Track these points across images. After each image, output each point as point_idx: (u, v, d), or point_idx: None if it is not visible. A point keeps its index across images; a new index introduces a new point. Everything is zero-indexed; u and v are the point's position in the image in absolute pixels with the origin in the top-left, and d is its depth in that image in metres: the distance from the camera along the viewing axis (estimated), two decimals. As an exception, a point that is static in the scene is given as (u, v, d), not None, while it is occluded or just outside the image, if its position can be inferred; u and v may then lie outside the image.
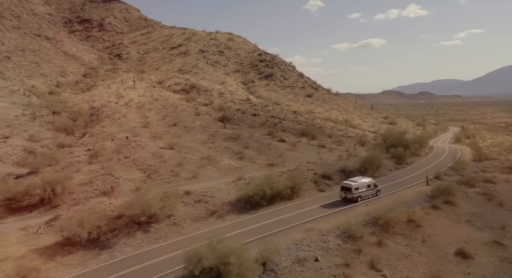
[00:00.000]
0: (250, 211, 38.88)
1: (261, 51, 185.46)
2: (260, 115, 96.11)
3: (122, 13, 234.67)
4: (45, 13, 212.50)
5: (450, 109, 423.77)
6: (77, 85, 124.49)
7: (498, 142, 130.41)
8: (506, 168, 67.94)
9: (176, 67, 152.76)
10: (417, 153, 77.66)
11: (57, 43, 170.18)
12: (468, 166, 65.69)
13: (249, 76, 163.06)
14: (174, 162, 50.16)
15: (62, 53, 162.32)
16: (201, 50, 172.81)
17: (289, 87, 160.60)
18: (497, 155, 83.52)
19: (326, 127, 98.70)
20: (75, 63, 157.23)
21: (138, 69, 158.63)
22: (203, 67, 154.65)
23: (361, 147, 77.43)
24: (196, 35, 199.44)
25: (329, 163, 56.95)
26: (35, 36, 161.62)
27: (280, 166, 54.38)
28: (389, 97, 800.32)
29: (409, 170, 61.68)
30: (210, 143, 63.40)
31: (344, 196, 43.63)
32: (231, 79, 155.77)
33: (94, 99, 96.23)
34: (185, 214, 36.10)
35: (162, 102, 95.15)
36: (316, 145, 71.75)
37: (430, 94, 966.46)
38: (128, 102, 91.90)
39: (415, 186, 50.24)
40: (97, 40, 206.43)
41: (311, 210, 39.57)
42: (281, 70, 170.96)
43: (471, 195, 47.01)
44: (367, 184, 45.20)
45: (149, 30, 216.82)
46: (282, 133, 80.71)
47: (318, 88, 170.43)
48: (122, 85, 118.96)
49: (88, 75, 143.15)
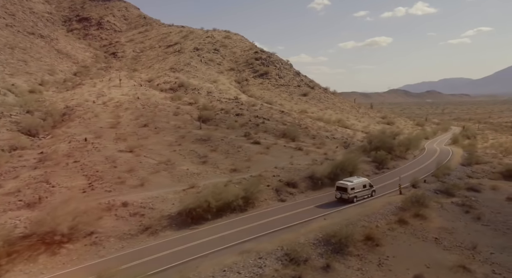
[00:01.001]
0: (191, 226, 34.34)
1: (258, 49, 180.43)
2: (244, 115, 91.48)
3: (121, 12, 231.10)
4: (44, 11, 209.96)
5: (457, 109, 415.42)
6: (64, 83, 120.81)
7: (499, 143, 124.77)
8: (497, 173, 62.77)
9: (169, 66, 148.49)
10: (403, 156, 72.57)
11: (52, 42, 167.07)
12: (453, 171, 60.48)
13: (244, 74, 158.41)
14: (126, 167, 45.78)
15: (55, 52, 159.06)
16: (196, 48, 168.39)
17: (284, 86, 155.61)
18: (491, 158, 78.09)
19: (313, 128, 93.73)
20: (68, 62, 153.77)
21: (131, 68, 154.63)
22: (196, 66, 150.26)
23: (344, 149, 72.56)
24: (193, 33, 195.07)
25: (299, 168, 52.22)
26: (29, 34, 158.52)
27: (244, 172, 49.78)
28: (395, 96, 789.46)
29: (387, 175, 56.70)
30: (177, 145, 58.94)
31: (339, 196, 42.61)
32: (224, 77, 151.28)
33: (73, 98, 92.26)
34: (112, 231, 31.65)
35: (143, 102, 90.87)
36: (293, 147, 66.95)
37: (437, 93, 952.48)
38: (106, 102, 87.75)
39: (387, 195, 45.35)
40: (95, 39, 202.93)
41: (260, 225, 34.88)
42: (276, 68, 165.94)
43: (447, 206, 41.97)
44: (363, 184, 44.12)
45: (147, 29, 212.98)
46: (262, 134, 76.11)
47: (315, 87, 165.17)
48: (109, 84, 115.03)
49: (79, 73, 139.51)
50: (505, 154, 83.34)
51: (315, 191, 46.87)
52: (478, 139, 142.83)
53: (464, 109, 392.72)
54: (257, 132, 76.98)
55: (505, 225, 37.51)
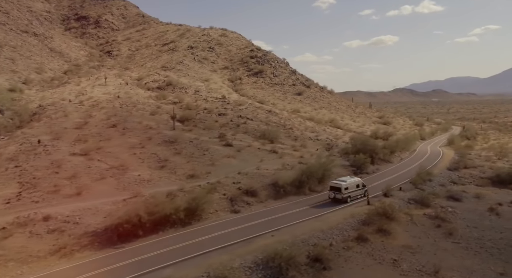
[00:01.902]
0: (117, 244, 29.80)
1: (254, 47, 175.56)
2: (227, 115, 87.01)
3: (120, 10, 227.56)
4: (43, 10, 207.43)
5: (463, 108, 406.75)
6: (51, 82, 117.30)
7: (500, 144, 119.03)
8: (485, 178, 57.55)
9: (161, 64, 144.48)
10: (387, 159, 67.54)
11: (46, 40, 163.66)
12: (437, 177, 55.39)
13: (238, 73, 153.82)
14: (69, 173, 41.51)
15: (48, 50, 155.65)
16: (190, 46, 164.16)
17: (279, 85, 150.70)
18: (484, 161, 72.76)
19: (299, 128, 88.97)
20: (60, 60, 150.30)
21: (123, 66, 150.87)
22: (188, 64, 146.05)
23: (326, 152, 67.74)
24: (190, 31, 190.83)
25: (265, 174, 47.57)
26: (22, 33, 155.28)
27: (202, 178, 45.23)
28: (400, 95, 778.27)
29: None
30: (140, 147, 54.56)
31: (333, 196, 41.72)
32: (217, 76, 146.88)
33: (52, 97, 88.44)
34: (16, 252, 27.17)
35: (123, 101, 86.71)
36: (268, 150, 62.23)
37: (443, 92, 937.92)
38: (84, 101, 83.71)
39: (354, 206, 40.54)
40: (92, 37, 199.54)
41: (196, 243, 30.20)
42: (272, 67, 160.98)
43: (417, 219, 37.06)
44: (356, 184, 43.35)
45: (145, 27, 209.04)
46: (240, 135, 71.72)
47: (310, 86, 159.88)
48: (95, 82, 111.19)
49: (69, 72, 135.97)
50: (500, 156, 77.78)
51: (276, 200, 42.21)
52: (479, 140, 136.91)
53: (470, 109, 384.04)
54: (235, 134, 72.54)
55: (479, 242, 32.56)
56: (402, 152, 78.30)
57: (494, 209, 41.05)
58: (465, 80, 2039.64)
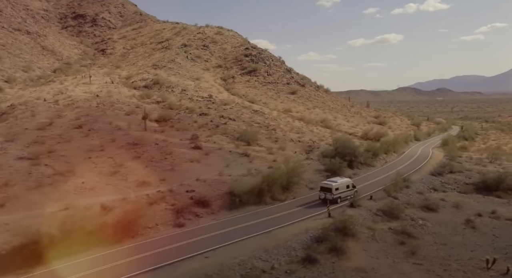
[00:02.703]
0: (21, 269, 25.34)
1: (249, 45, 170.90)
2: (208, 115, 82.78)
3: (117, 8, 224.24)
4: (40, 9, 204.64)
5: (467, 107, 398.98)
6: (37, 81, 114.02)
7: (498, 145, 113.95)
8: (470, 184, 52.80)
9: (152, 62, 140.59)
10: (369, 162, 62.82)
11: (39, 38, 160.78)
12: (416, 183, 50.68)
13: (231, 71, 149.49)
14: (2, 181, 37.45)
15: (40, 48, 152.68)
16: (184, 44, 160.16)
17: (272, 84, 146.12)
18: (473, 164, 67.90)
19: (284, 129, 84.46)
20: (51, 58, 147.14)
21: (115, 65, 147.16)
22: (180, 62, 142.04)
23: (304, 155, 63.25)
24: (186, 30, 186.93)
25: (226, 181, 43.18)
26: (14, 30, 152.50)
27: (155, 185, 40.91)
28: (404, 94, 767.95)
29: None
30: (98, 150, 50.40)
31: (323, 196, 40.73)
32: (209, 75, 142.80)
33: (30, 96, 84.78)
34: None
35: (101, 100, 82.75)
36: (240, 153, 57.80)
37: (448, 91, 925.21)
38: (60, 100, 79.92)
39: (312, 218, 36.02)
40: (88, 36, 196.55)
41: (110, 269, 25.89)
42: (266, 65, 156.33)
43: (380, 235, 32.57)
44: (346, 184, 42.64)
45: (141, 25, 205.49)
46: (217, 137, 67.50)
47: (305, 85, 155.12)
48: (79, 81, 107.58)
49: (58, 70, 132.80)
50: (492, 159, 72.69)
51: (230, 211, 37.75)
52: (477, 140, 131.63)
53: (474, 108, 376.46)
54: (212, 135, 68.32)
55: (443, 263, 27.94)
56: (389, 154, 73.67)
57: (471, 221, 36.57)
58: (471, 79, 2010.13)
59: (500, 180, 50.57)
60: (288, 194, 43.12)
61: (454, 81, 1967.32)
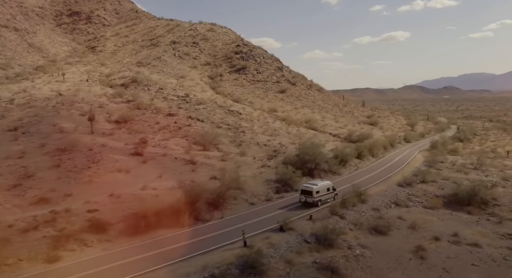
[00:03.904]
0: None
1: (241, 42, 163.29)
2: (175, 116, 75.99)
3: (113, 6, 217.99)
4: (35, 6, 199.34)
5: (473, 105, 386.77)
6: (14, 78, 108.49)
7: (495, 146, 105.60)
8: (441, 197, 45.18)
9: (137, 60, 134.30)
10: (335, 170, 55.31)
11: (27, 35, 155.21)
12: (374, 196, 43.14)
13: (220, 69, 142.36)
14: None
15: (26, 45, 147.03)
16: (173, 41, 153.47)
17: (261, 82, 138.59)
18: (455, 172, 60.00)
19: (257, 131, 77.32)
20: (36, 56, 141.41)
21: (101, 62, 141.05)
22: (166, 60, 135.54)
23: (264, 161, 55.98)
24: (179, 26, 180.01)
25: (145, 197, 36.23)
26: (1, 27, 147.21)
27: (54, 203, 34.01)
28: (410, 93, 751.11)
29: (273, 205, 39.81)
30: (16, 158, 43.72)
31: (304, 200, 39.92)
32: (196, 72, 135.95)
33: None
34: None
35: (64, 98, 76.64)
36: (187, 159, 50.79)
37: (455, 89, 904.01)
38: (15, 99, 73.91)
39: (221, 249, 28.82)
40: (81, 33, 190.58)
41: None
42: (256, 63, 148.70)
43: (299, 272, 25.32)
44: (327, 187, 41.56)
45: (135, 22, 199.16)
46: (175, 140, 61.02)
47: (296, 84, 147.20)
48: (53, 79, 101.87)
49: (40, 68, 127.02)
50: (477, 165, 64.51)
51: (131, 238, 30.44)
52: (473, 142, 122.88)
53: (480, 106, 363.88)
54: (170, 138, 61.68)
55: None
56: (365, 159, 66.07)
57: (423, 248, 29.28)
58: (479, 77, 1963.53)
59: (473, 192, 42.86)
60: (217, 212, 36.03)
61: (462, 79, 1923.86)
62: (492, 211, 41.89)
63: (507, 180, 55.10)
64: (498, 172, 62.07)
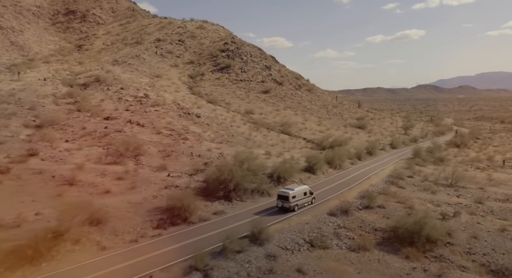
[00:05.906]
0: None
1: (229, 40, 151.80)
2: (113, 119, 65.61)
3: (110, 4, 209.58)
4: (32, 5, 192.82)
5: (488, 105, 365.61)
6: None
7: (494, 153, 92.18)
8: (379, 231, 33.30)
9: (113, 58, 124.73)
10: (264, 189, 43.43)
11: (12, 33, 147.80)
12: (285, 232, 31.17)
13: (202, 68, 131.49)
14: None
15: (8, 43, 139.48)
16: (158, 39, 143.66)
17: (244, 82, 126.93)
18: (419, 191, 47.40)
19: (204, 137, 66.02)
20: (14, 54, 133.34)
21: (77, 61, 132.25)
22: (145, 58, 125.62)
23: (186, 177, 44.65)
24: (171, 24, 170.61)
25: None
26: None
27: None
28: (424, 92, 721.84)
29: (133, 252, 28.39)
30: None
31: (281, 205, 37.98)
32: (175, 71, 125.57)
33: None
34: None
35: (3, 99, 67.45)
36: (65, 179, 39.67)
37: (471, 88, 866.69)
38: None
39: None
40: (75, 32, 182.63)
41: None
42: (242, 61, 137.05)
43: None
44: (303, 192, 39.74)
45: (129, 21, 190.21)
46: (93, 150, 50.08)
47: (283, 83, 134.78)
48: (9, 77, 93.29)
49: (13, 67, 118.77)
50: (453, 181, 51.37)
51: None
52: (473, 147, 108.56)
53: (496, 106, 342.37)
54: (84, 147, 50.98)
55: None
56: (320, 172, 53.91)
57: None
58: (497, 76, 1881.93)
59: (417, 228, 30.52)
60: (66, 259, 25.01)
61: (479, 78, 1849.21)
62: (440, 253, 29.72)
63: (481, 203, 42.41)
64: (476, 190, 49.16)
